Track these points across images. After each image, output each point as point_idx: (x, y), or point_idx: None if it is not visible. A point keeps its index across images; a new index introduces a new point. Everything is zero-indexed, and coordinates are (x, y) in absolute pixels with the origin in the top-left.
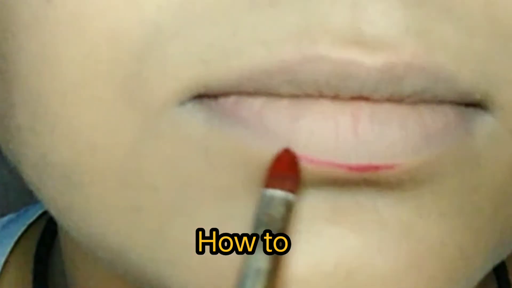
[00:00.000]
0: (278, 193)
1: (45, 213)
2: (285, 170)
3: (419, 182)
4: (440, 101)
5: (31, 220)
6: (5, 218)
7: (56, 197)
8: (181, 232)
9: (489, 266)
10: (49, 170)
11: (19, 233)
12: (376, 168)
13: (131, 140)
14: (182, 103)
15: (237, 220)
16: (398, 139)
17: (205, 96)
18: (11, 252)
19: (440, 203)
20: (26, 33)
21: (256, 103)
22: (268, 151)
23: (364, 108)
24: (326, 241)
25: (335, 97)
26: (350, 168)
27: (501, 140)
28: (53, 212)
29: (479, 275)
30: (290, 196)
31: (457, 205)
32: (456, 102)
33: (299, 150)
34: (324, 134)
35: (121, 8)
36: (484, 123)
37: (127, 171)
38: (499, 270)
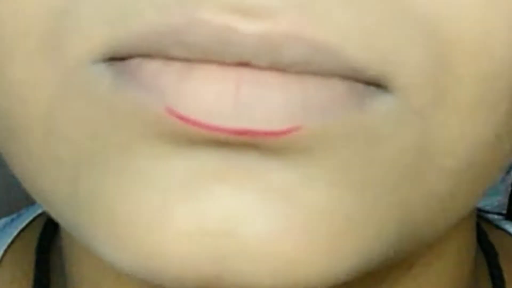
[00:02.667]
0: None
1: (44, 213)
2: None
3: (303, 150)
4: (330, 75)
5: (30, 218)
6: (9, 218)
7: (2, 144)
8: (88, 182)
9: (398, 243)
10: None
11: (16, 232)
12: (254, 133)
13: (52, 95)
14: (94, 62)
15: (137, 178)
16: (278, 106)
17: (115, 58)
18: (8, 248)
19: (328, 173)
20: None
21: (153, 66)
22: (158, 110)
23: (248, 74)
24: (209, 198)
25: (222, 63)
26: (228, 131)
27: (404, 120)
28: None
29: (378, 249)
30: None
31: (349, 177)
32: (349, 77)
33: (183, 111)
34: (206, 97)
35: None
36: (383, 102)
37: (49, 124)
38: (493, 267)
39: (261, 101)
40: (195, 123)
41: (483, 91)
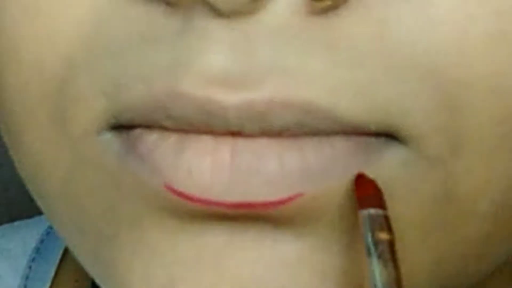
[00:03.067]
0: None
1: None
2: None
3: (309, 216)
4: (329, 134)
5: None
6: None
7: (35, 198)
8: (107, 255)
9: None
10: (24, 179)
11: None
12: (251, 205)
13: (67, 164)
14: (99, 132)
15: (147, 252)
16: (274, 175)
17: (121, 126)
18: (64, 252)
19: (344, 235)
20: None
21: (150, 139)
22: (158, 186)
23: (241, 145)
24: (216, 274)
25: (214, 133)
26: (225, 205)
27: (419, 169)
28: None
29: None
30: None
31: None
32: (354, 133)
33: (178, 186)
34: (201, 171)
35: (41, 43)
36: (395, 153)
37: (66, 192)
38: None
39: (256, 172)
40: (191, 199)
41: (504, 132)
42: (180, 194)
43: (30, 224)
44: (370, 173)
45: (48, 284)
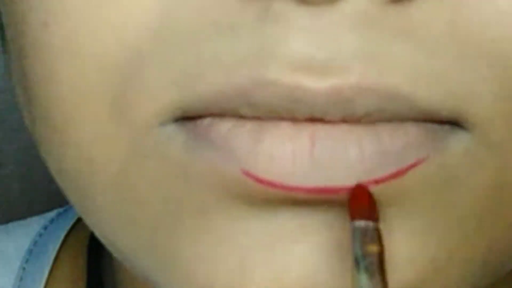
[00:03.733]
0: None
1: None
2: (363, 205)
3: (383, 201)
4: (403, 120)
5: (75, 218)
6: (53, 213)
7: (74, 200)
8: (166, 244)
9: (482, 279)
10: (65, 177)
11: (67, 228)
12: (333, 190)
13: (123, 157)
14: (163, 124)
15: (213, 239)
16: (354, 161)
17: (185, 118)
18: (63, 243)
19: (411, 221)
20: (32, 54)
21: (224, 127)
22: (234, 173)
23: (321, 131)
24: (288, 259)
25: (294, 119)
26: (308, 190)
27: (479, 156)
28: (76, 211)
29: (464, 285)
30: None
31: (431, 222)
32: (423, 119)
33: (259, 173)
34: (282, 158)
35: (105, 34)
36: (459, 140)
37: (121, 186)
38: None
39: (336, 158)
40: (272, 184)
41: None
42: (260, 181)
43: (23, 225)
44: (438, 160)
45: (42, 284)
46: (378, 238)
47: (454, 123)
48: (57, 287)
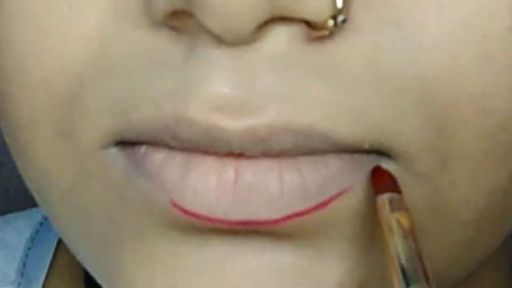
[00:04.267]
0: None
1: None
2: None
3: (307, 231)
4: (324, 153)
5: None
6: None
7: (39, 203)
8: (110, 260)
9: None
10: (29, 186)
11: None
12: (255, 223)
13: (72, 175)
14: (106, 147)
15: (150, 262)
16: (275, 195)
17: (125, 142)
18: (59, 242)
19: (339, 247)
20: None
21: (157, 158)
22: (164, 203)
23: (244, 166)
24: (219, 283)
25: (219, 154)
26: (230, 223)
27: (407, 184)
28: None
29: None
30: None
31: (360, 247)
32: (345, 151)
33: (186, 205)
34: (207, 191)
35: (49, 61)
36: (386, 168)
37: (72, 200)
38: None
39: (258, 192)
40: (197, 216)
41: (489, 146)
42: (186, 212)
43: (23, 215)
44: (361, 190)
45: (45, 270)
46: (404, 206)
47: (379, 152)
48: (59, 272)
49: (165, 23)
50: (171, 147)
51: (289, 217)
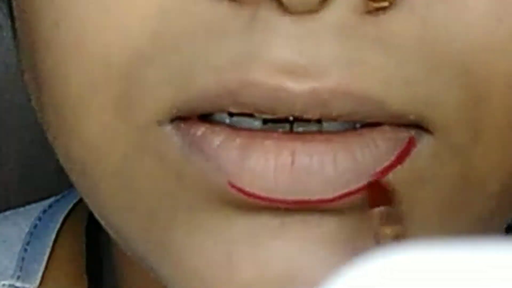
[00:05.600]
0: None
1: None
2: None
3: (354, 207)
4: (374, 126)
5: (78, 198)
6: (50, 200)
7: (79, 185)
8: (160, 233)
9: None
10: (72, 163)
11: (66, 212)
12: (311, 202)
13: (124, 149)
14: (161, 123)
15: (203, 233)
16: (330, 176)
17: (182, 119)
18: (62, 225)
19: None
20: (43, 49)
21: (216, 140)
22: (222, 183)
23: (300, 147)
24: (271, 251)
25: (278, 137)
26: (286, 202)
27: (443, 158)
28: (80, 194)
29: None
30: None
31: (406, 218)
32: (390, 123)
33: (245, 186)
34: (265, 174)
35: (110, 35)
36: (425, 143)
37: (121, 175)
38: None
39: (314, 173)
40: (255, 196)
41: None
42: (245, 193)
43: (22, 212)
44: (405, 165)
45: (44, 263)
46: (394, 220)
47: (420, 127)
48: (57, 265)
49: None
50: (230, 129)
51: (342, 196)
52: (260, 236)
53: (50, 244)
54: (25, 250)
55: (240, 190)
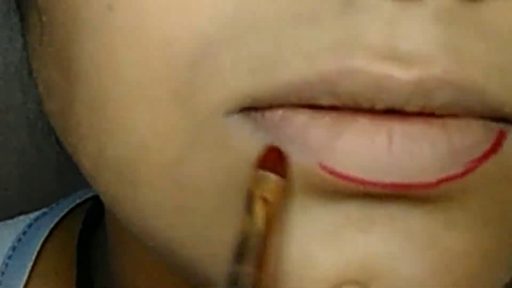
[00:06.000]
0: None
1: (78, 205)
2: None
3: (448, 197)
4: (469, 115)
5: (64, 211)
6: (37, 213)
7: (110, 188)
8: (221, 234)
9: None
10: (105, 164)
11: (52, 225)
12: (408, 186)
13: (181, 144)
14: (229, 113)
15: (287, 227)
16: (428, 158)
17: (251, 108)
18: (47, 239)
19: (468, 215)
20: (89, 37)
21: (301, 120)
22: (310, 166)
23: (398, 128)
24: (353, 246)
25: (372, 115)
26: (384, 185)
27: None
28: (106, 200)
29: (502, 280)
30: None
31: (485, 217)
32: (486, 116)
33: (337, 166)
34: (360, 153)
35: (176, 19)
36: None
37: (175, 172)
38: None
39: (412, 155)
40: (350, 179)
41: None
42: (339, 174)
43: (8, 224)
44: (498, 158)
45: (25, 278)
46: (276, 190)
47: (507, 121)
48: (40, 280)
49: None
50: (315, 108)
51: (441, 181)
52: (340, 231)
53: (33, 258)
54: (6, 265)
55: (332, 172)
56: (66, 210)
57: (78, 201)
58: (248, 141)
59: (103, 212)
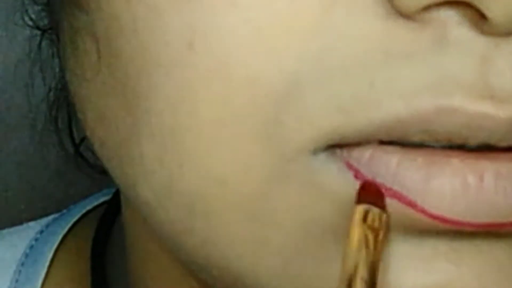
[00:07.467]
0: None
1: (90, 210)
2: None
3: None
4: None
5: (75, 218)
6: (48, 218)
7: (176, 221)
8: (301, 268)
9: None
10: (173, 197)
11: (65, 231)
12: (500, 225)
13: (261, 180)
14: (315, 152)
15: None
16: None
17: (338, 146)
18: (60, 246)
19: None
20: (163, 74)
21: (393, 161)
22: (401, 209)
23: (490, 167)
24: (443, 277)
25: (463, 153)
26: (476, 226)
27: None
28: (170, 233)
29: None
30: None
31: None
32: None
33: (431, 209)
34: (453, 195)
35: (262, 58)
36: None
37: (254, 207)
38: None
39: (504, 195)
40: (444, 220)
41: None
42: (432, 216)
43: (18, 231)
44: None
45: (39, 285)
46: (380, 224)
47: None
48: (55, 287)
49: (412, 16)
50: (406, 148)
51: None
52: (430, 260)
53: (46, 264)
54: (19, 272)
55: (423, 211)
56: (77, 217)
57: (88, 207)
58: (335, 179)
59: (114, 220)
